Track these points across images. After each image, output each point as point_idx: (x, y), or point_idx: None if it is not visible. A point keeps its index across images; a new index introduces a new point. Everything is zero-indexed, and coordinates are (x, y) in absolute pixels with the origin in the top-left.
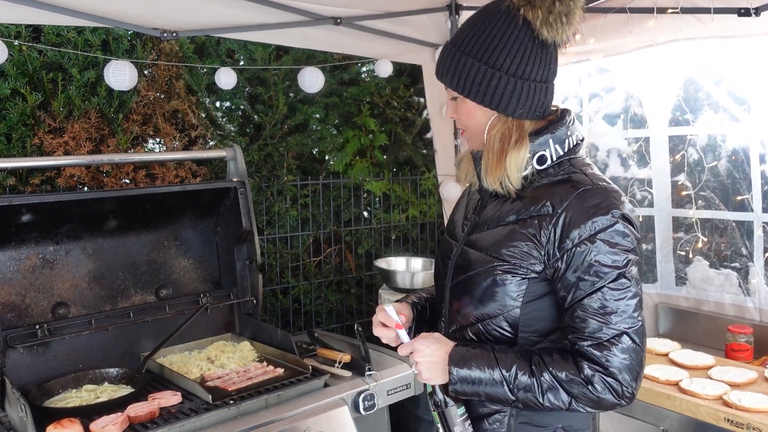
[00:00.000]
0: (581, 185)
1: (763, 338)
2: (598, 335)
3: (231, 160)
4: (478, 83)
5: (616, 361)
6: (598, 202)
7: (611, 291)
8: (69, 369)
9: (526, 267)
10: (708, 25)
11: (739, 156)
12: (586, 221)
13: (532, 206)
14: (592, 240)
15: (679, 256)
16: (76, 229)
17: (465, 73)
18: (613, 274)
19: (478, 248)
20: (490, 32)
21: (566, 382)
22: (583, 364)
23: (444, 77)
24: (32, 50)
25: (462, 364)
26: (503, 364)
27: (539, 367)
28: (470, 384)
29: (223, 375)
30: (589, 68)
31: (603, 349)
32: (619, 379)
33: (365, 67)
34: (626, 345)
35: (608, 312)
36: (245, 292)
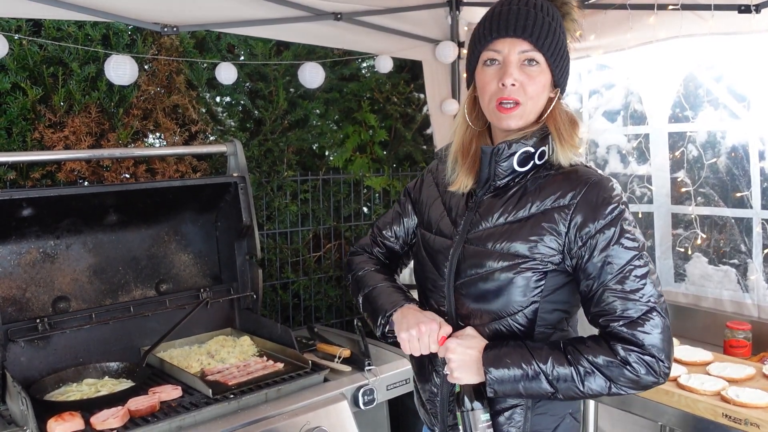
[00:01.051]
0: (591, 176)
1: (761, 334)
2: (628, 314)
3: (231, 155)
4: (565, 59)
5: (649, 338)
6: (609, 191)
7: (635, 270)
8: (70, 363)
9: (546, 261)
10: (708, 21)
11: (738, 153)
12: (604, 209)
13: (546, 198)
14: (610, 226)
15: (678, 253)
16: (77, 224)
17: (559, 42)
18: (635, 255)
19: (485, 246)
20: (558, 19)
21: (604, 367)
22: (617, 347)
23: (537, 37)
24: (33, 44)
25: (498, 364)
26: (539, 358)
27: (575, 355)
28: (509, 383)
29: (223, 369)
30: (589, 65)
31: (636, 327)
32: (654, 354)
33: (365, 62)
34: (656, 320)
35: (635, 290)
36: (245, 287)
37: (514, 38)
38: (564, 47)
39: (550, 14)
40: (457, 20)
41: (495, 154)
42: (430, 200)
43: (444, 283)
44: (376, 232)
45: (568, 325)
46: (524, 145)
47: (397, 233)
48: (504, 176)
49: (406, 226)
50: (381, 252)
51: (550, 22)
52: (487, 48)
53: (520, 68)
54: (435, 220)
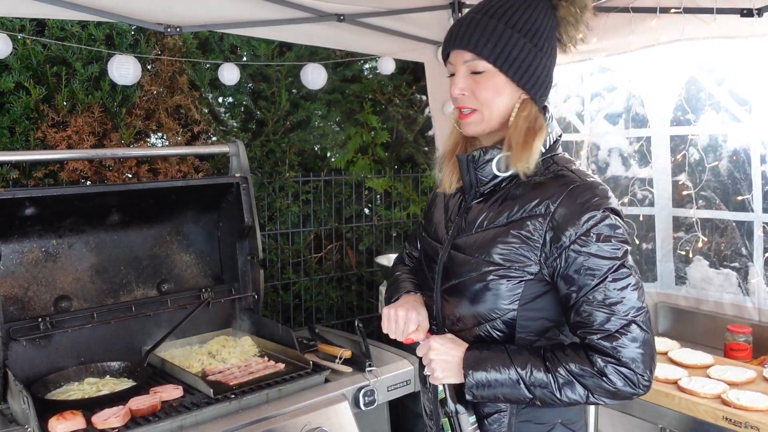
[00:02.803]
0: (571, 183)
1: (762, 338)
2: (606, 327)
3: (233, 156)
4: (521, 59)
5: (627, 351)
6: (589, 197)
7: (613, 282)
8: (71, 362)
9: (521, 269)
10: (710, 25)
11: (740, 156)
12: (580, 217)
13: (523, 206)
14: (587, 235)
15: (679, 256)
16: (79, 223)
17: (508, 46)
18: (613, 265)
19: (467, 252)
20: (532, 13)
21: (581, 376)
22: (594, 357)
23: (481, 47)
24: (36, 44)
25: (477, 366)
26: (518, 364)
27: (553, 363)
28: (487, 387)
29: (225, 369)
30: (591, 67)
31: (613, 341)
32: (632, 368)
33: (368, 64)
34: (635, 334)
35: (613, 303)
36: (246, 287)
37: (458, 50)
38: (519, 47)
39: (509, 19)
40: None
41: (471, 161)
42: (437, 204)
43: (434, 287)
44: (406, 245)
45: (561, 333)
46: (500, 151)
47: (418, 244)
48: (487, 182)
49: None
50: (412, 262)
51: (497, 25)
52: (447, 62)
53: (468, 77)
54: (435, 223)
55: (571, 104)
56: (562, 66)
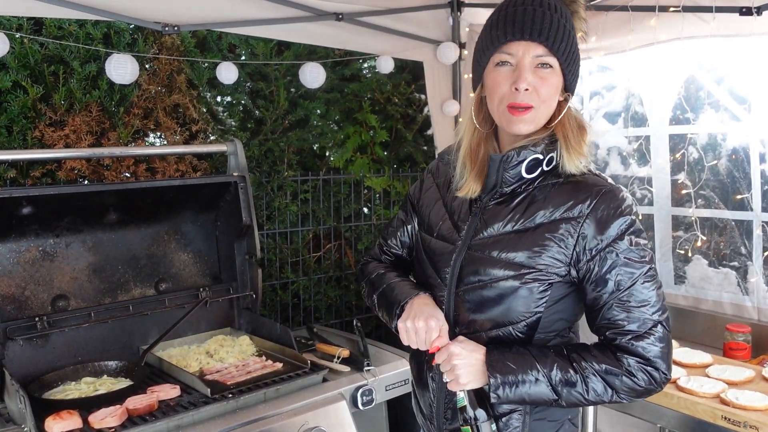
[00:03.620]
0: (602, 186)
1: (761, 337)
2: (635, 328)
3: (232, 155)
4: (577, 63)
5: (654, 351)
6: (620, 202)
7: (643, 285)
8: (68, 361)
9: (552, 272)
10: (710, 23)
11: (739, 155)
12: (613, 223)
13: (555, 209)
14: (621, 239)
15: (678, 255)
16: (77, 222)
17: (572, 46)
18: (644, 267)
19: (491, 253)
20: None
21: (608, 375)
22: (624, 358)
23: (553, 41)
24: (34, 43)
25: (503, 369)
26: (543, 364)
27: (579, 363)
28: (512, 387)
29: (222, 369)
30: (591, 66)
31: (642, 340)
32: (657, 366)
33: (367, 63)
34: (661, 334)
35: (643, 305)
36: (245, 286)
37: (529, 41)
38: (576, 49)
39: (564, 15)
40: (458, 21)
41: (504, 161)
42: (431, 202)
43: (445, 289)
44: (382, 242)
45: (570, 331)
46: (533, 152)
47: (402, 241)
48: (511, 183)
49: (410, 232)
50: (389, 260)
51: (564, 23)
52: (499, 50)
53: (534, 72)
54: (436, 223)
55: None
56: None
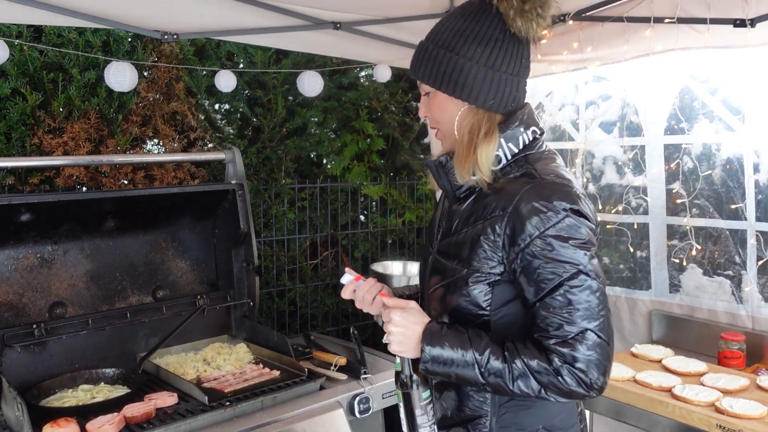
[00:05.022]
0: (530, 182)
1: (755, 346)
2: (562, 333)
3: (230, 163)
4: (449, 73)
5: (582, 357)
6: (545, 198)
7: (570, 288)
8: (66, 369)
9: (487, 271)
10: (704, 35)
11: (733, 165)
12: (535, 217)
13: (487, 208)
14: (543, 237)
15: (673, 264)
16: (75, 229)
17: (436, 64)
18: (571, 269)
19: (446, 256)
20: (462, 24)
21: (537, 372)
22: (552, 356)
23: (416, 72)
24: (33, 50)
25: (435, 342)
26: (476, 347)
27: (512, 353)
28: (441, 364)
29: (219, 376)
30: (586, 76)
31: (568, 347)
32: (584, 370)
33: (364, 71)
34: (591, 341)
35: (570, 309)
36: (242, 294)
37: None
38: (444, 62)
39: (434, 35)
40: None
41: (440, 166)
42: (438, 208)
43: (424, 290)
44: None
45: None
46: (438, 159)
47: None
48: (460, 186)
49: None
50: None
51: (427, 46)
52: None
53: (422, 101)
54: (431, 227)
55: (566, 112)
56: (557, 75)
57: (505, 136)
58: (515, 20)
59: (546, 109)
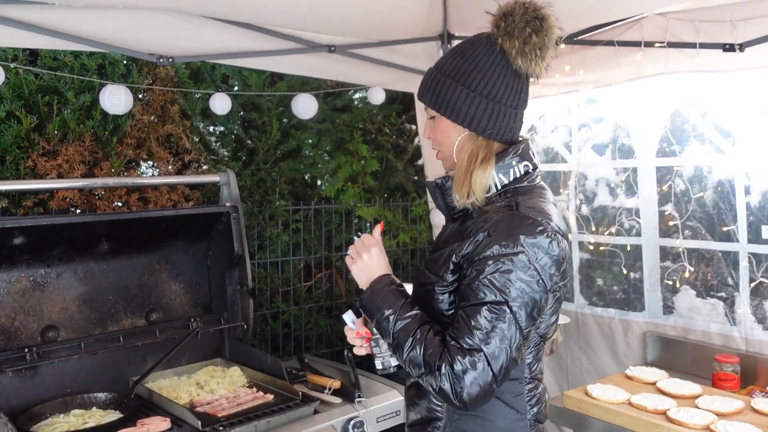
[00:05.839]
0: (505, 213)
1: (749, 368)
2: (461, 341)
3: (224, 185)
4: (454, 102)
5: (461, 368)
6: (512, 230)
7: (488, 312)
8: (57, 393)
9: (450, 282)
10: (694, 59)
11: (724, 187)
12: (494, 245)
13: (467, 229)
14: (492, 260)
15: (666, 285)
16: (68, 252)
17: (443, 92)
18: (498, 297)
19: (428, 267)
20: (469, 57)
21: (427, 356)
22: (444, 354)
23: (424, 97)
24: (28, 73)
25: (374, 294)
26: (401, 311)
27: (421, 335)
28: (371, 311)
29: (213, 401)
30: (578, 99)
31: (459, 353)
32: (460, 382)
33: (358, 93)
34: (478, 362)
35: (478, 327)
36: (236, 316)
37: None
38: (451, 92)
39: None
40: None
41: (437, 187)
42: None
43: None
44: None
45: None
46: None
47: None
48: (454, 207)
49: None
50: None
51: (437, 75)
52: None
53: (428, 123)
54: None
55: (558, 134)
56: (550, 97)
57: (497, 167)
58: (516, 59)
59: (539, 131)
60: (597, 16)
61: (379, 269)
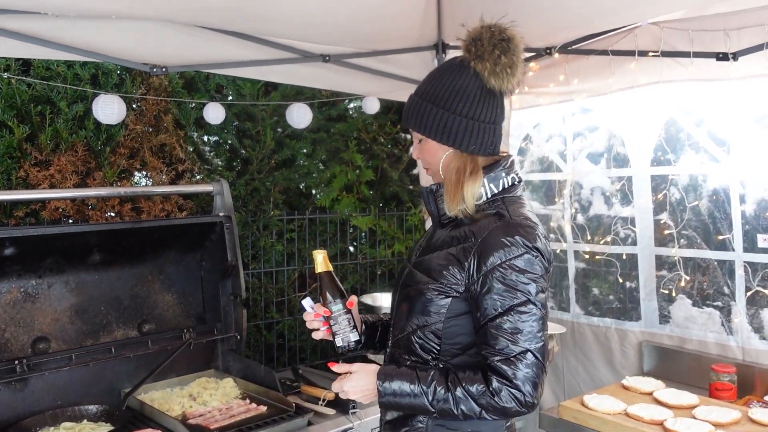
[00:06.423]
0: (500, 219)
1: (746, 377)
2: (506, 351)
3: (217, 195)
4: (437, 124)
5: (520, 374)
6: (510, 235)
7: (518, 314)
8: (48, 406)
9: (450, 287)
10: (688, 68)
11: (719, 196)
12: (500, 250)
13: (462, 235)
14: (503, 266)
15: (662, 294)
16: (60, 263)
17: (426, 117)
18: (521, 297)
19: (420, 269)
20: (446, 82)
21: (476, 395)
22: (492, 378)
23: (409, 122)
24: (21, 83)
25: (389, 379)
26: (424, 381)
27: (454, 383)
28: (395, 396)
29: (205, 412)
30: (573, 108)
31: (510, 364)
32: (522, 390)
33: (353, 103)
34: (530, 360)
35: (515, 331)
36: (229, 327)
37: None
38: (432, 115)
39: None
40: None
41: (431, 193)
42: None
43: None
44: None
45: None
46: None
47: None
48: (445, 213)
49: None
50: None
51: (418, 101)
52: None
53: (415, 146)
54: (411, 249)
55: (553, 144)
56: (544, 107)
57: (488, 177)
58: (490, 79)
59: (533, 141)
60: (591, 26)
61: (369, 376)
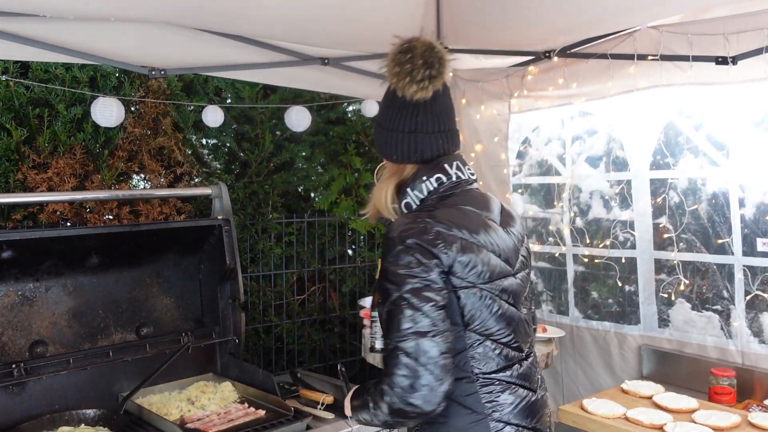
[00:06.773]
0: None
1: (745, 381)
2: (384, 345)
3: (216, 198)
4: (377, 140)
5: (390, 371)
6: (392, 230)
7: (392, 306)
8: (45, 410)
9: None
10: (687, 72)
11: (719, 200)
12: (384, 246)
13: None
14: (384, 261)
15: (661, 298)
16: (58, 266)
17: (377, 135)
18: (395, 293)
19: None
20: (381, 103)
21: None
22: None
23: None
24: (19, 86)
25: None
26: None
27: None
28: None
29: (204, 417)
30: (572, 111)
31: (387, 359)
32: (392, 386)
33: (352, 106)
34: (398, 360)
35: (390, 325)
36: (227, 330)
37: None
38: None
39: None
40: None
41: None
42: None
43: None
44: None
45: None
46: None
47: None
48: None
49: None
50: None
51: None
52: None
53: None
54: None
55: (552, 147)
56: (543, 110)
57: (411, 186)
58: (402, 89)
59: (533, 144)
60: (590, 30)
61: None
